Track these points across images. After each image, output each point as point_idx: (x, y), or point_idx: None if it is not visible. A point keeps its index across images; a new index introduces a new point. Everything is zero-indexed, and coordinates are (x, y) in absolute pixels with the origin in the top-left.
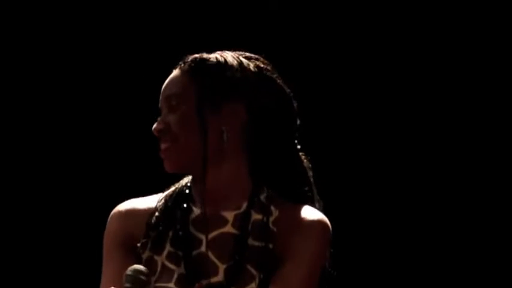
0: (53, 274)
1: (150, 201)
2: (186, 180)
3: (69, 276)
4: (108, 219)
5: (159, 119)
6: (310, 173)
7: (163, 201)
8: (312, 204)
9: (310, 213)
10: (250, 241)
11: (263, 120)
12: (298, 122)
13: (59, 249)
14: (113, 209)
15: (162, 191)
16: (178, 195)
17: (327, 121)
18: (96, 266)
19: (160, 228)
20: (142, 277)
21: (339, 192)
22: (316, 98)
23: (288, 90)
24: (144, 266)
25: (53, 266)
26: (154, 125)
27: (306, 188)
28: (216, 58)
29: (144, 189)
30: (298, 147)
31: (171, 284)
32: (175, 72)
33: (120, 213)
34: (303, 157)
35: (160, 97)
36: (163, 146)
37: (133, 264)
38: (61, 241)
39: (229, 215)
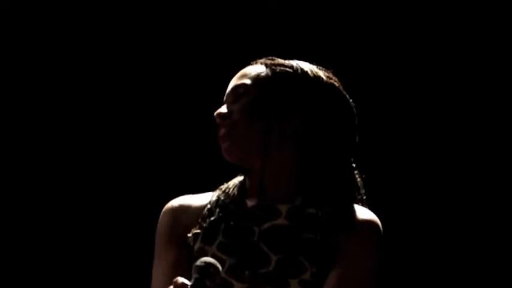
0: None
1: (203, 198)
2: (239, 178)
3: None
4: (161, 214)
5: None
6: (363, 191)
7: (216, 195)
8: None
9: (362, 212)
10: (303, 234)
11: (322, 130)
12: (357, 139)
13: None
14: (160, 205)
15: (214, 189)
16: (232, 189)
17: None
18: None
19: (213, 219)
20: (211, 269)
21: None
22: None
23: (353, 109)
24: (194, 256)
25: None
26: (218, 110)
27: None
28: (290, 61)
29: (196, 188)
30: (354, 165)
31: (222, 273)
32: (248, 67)
33: (172, 208)
34: (357, 175)
35: (228, 89)
36: (222, 131)
37: (185, 258)
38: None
39: (283, 208)
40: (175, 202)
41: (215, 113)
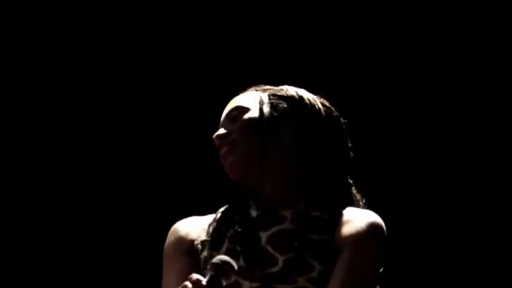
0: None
1: (208, 218)
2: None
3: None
4: (168, 233)
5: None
6: (361, 197)
7: (221, 210)
8: None
9: (366, 213)
10: (309, 235)
11: (318, 140)
12: (352, 156)
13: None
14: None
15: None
16: (236, 203)
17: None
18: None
19: (220, 227)
20: (227, 267)
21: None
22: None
23: (344, 127)
24: (202, 265)
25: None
26: (216, 133)
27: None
28: (279, 86)
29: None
30: (351, 181)
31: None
32: (240, 94)
33: (179, 228)
34: (355, 191)
35: (223, 116)
36: (222, 150)
37: (193, 266)
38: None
39: (287, 213)
40: (181, 222)
41: (214, 136)
